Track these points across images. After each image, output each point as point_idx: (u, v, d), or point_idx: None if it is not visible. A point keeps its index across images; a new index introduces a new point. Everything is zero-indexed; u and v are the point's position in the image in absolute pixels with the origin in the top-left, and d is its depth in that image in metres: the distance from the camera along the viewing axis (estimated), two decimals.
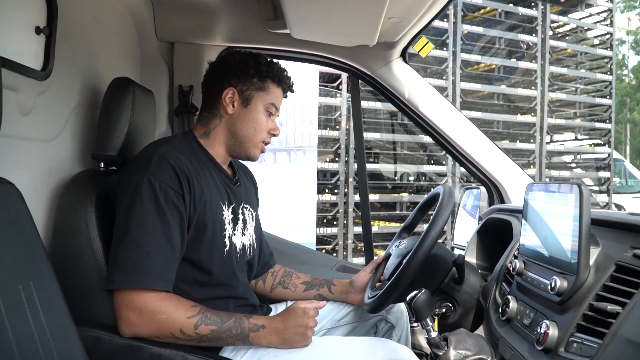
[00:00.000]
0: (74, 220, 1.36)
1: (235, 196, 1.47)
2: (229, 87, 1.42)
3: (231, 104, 1.43)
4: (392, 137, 6.20)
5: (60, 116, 1.47)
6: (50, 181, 1.43)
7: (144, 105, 1.61)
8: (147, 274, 1.20)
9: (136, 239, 1.22)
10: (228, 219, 1.41)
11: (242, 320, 1.27)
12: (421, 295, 1.26)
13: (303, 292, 1.67)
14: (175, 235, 1.26)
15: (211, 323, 1.23)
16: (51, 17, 1.35)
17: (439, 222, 1.41)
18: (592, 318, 0.92)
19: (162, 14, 1.98)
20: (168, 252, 1.24)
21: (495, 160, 2.08)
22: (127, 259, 1.21)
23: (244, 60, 1.45)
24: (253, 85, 1.43)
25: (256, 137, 1.44)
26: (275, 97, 1.47)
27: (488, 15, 6.78)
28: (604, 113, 7.59)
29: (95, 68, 1.65)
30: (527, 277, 1.16)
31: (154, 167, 1.27)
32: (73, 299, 1.34)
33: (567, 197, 1.02)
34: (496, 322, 1.25)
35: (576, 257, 0.97)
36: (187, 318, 1.21)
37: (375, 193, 6.06)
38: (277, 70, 1.46)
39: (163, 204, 1.24)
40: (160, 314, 1.20)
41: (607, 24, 7.52)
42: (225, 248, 1.39)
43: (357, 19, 1.65)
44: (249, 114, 1.43)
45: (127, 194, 1.27)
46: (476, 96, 6.74)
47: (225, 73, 1.45)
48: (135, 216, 1.23)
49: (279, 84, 1.47)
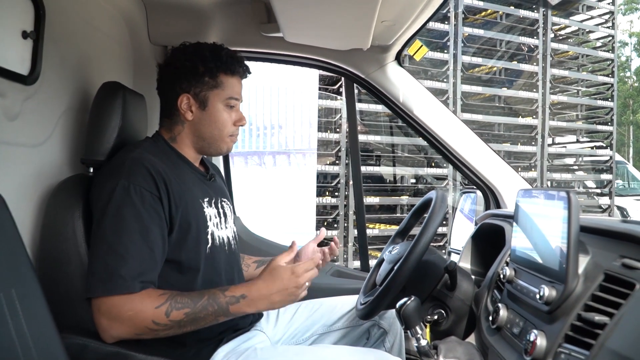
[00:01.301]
0: (61, 226, 1.34)
1: (213, 191, 1.47)
2: (182, 94, 1.39)
3: (189, 110, 1.40)
4: (393, 140, 6.19)
5: (48, 121, 1.45)
6: (38, 186, 1.42)
7: (135, 109, 1.60)
8: (122, 277, 1.18)
9: (110, 244, 1.20)
10: (210, 216, 1.40)
11: (217, 295, 1.22)
12: (410, 302, 1.24)
13: (255, 269, 1.69)
14: (154, 237, 1.24)
15: (182, 306, 1.19)
16: (38, 21, 1.35)
17: (430, 228, 1.39)
18: (580, 328, 0.90)
19: (155, 17, 1.97)
20: (146, 253, 1.22)
21: (490, 164, 2.07)
22: (102, 265, 1.19)
23: (190, 60, 1.39)
24: (206, 85, 1.39)
25: (222, 135, 1.43)
26: (233, 89, 1.42)
27: (489, 17, 6.77)
28: (606, 115, 7.56)
29: (85, 72, 1.64)
30: (517, 285, 1.14)
31: (128, 170, 1.26)
32: (60, 306, 1.33)
33: (556, 204, 1.01)
34: (487, 330, 1.23)
35: (565, 264, 0.95)
36: (155, 308, 1.18)
37: (376, 196, 6.05)
38: (227, 60, 1.40)
39: (139, 206, 1.23)
40: (128, 312, 1.17)
41: (609, 26, 7.50)
42: (208, 245, 1.37)
43: (349, 23, 1.64)
44: (209, 116, 1.40)
45: (101, 200, 1.25)
46: (477, 99, 6.72)
47: (175, 78, 1.41)
48: (110, 221, 1.22)
49: (233, 73, 1.42)
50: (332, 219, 5.85)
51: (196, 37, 2.01)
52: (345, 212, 5.81)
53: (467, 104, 6.44)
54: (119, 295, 1.18)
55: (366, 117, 5.88)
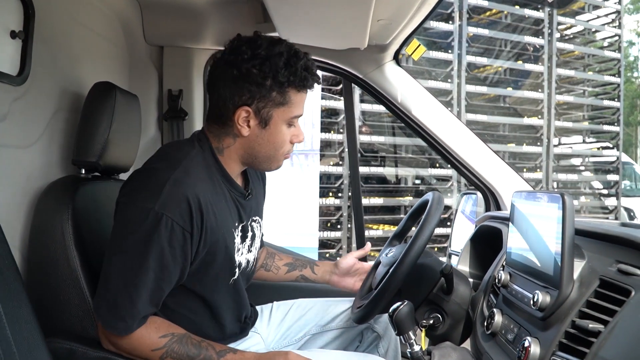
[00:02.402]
0: (50, 229, 1.33)
1: (245, 211, 1.34)
2: (242, 106, 1.19)
3: (246, 125, 1.21)
4: (397, 141, 6.16)
5: (38, 122, 1.44)
6: (28, 188, 1.40)
7: (127, 109, 1.58)
8: (125, 322, 1.14)
9: (125, 281, 1.13)
10: (237, 244, 1.30)
11: (211, 354, 1.18)
12: (403, 307, 1.21)
13: (285, 273, 1.63)
14: (171, 277, 1.17)
15: (177, 357, 1.17)
16: (27, 21, 1.33)
17: (425, 231, 1.37)
18: (574, 336, 0.87)
19: (150, 17, 1.95)
20: (156, 295, 1.16)
21: (489, 165, 2.03)
22: (112, 300, 1.15)
23: (259, 67, 1.17)
24: (272, 100, 1.19)
25: (278, 154, 1.27)
26: (300, 106, 1.24)
27: (494, 17, 6.72)
28: (612, 116, 7.49)
29: (77, 72, 1.62)
30: (512, 289, 1.11)
31: (166, 198, 1.11)
32: (48, 310, 1.32)
33: (551, 206, 0.98)
34: (481, 335, 1.20)
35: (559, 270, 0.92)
36: (151, 350, 1.17)
37: (380, 196, 6.01)
38: (301, 74, 1.19)
39: (165, 245, 1.11)
40: (126, 346, 1.17)
41: (616, 25, 7.43)
42: (233, 277, 1.31)
43: (345, 21, 1.62)
44: (268, 135, 1.23)
45: (129, 221, 1.15)
46: (482, 99, 6.67)
47: (236, 83, 1.19)
48: (133, 251, 1.13)
49: (304, 87, 1.22)
50: (336, 220, 5.82)
51: (192, 37, 2.01)
52: (349, 213, 5.78)
53: (471, 104, 6.39)
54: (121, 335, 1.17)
55: (370, 117, 5.85)
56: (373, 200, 5.93)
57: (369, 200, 5.90)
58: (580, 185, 7.46)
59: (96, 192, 1.50)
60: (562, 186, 7.17)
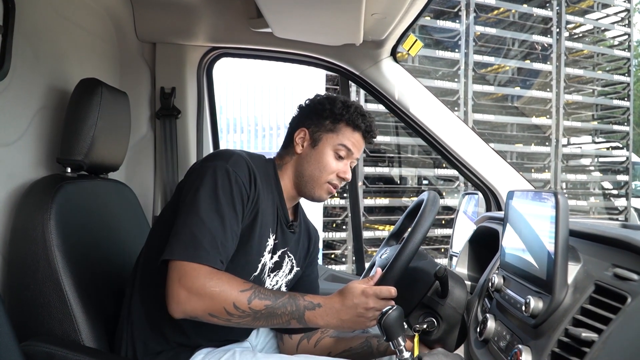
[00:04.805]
0: (31, 228, 1.29)
1: (284, 238, 1.43)
2: (301, 128, 1.43)
3: (301, 144, 1.43)
4: (403, 141, 6.09)
5: (21, 119, 1.40)
6: (10, 187, 1.36)
7: (115, 107, 1.54)
8: (206, 250, 1.16)
9: (202, 218, 1.19)
10: (269, 249, 1.37)
11: (297, 297, 1.22)
12: (392, 312, 1.16)
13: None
14: (235, 229, 1.24)
15: (265, 298, 1.18)
16: (7, 15, 1.29)
17: (418, 232, 1.32)
18: (567, 345, 0.81)
19: (142, 13, 1.91)
20: (228, 240, 1.22)
21: (490, 164, 1.98)
22: (189, 233, 1.18)
23: (320, 102, 1.45)
24: (324, 127, 1.42)
25: (321, 178, 1.41)
26: (347, 139, 1.42)
27: (502, 16, 6.63)
28: (622, 115, 7.36)
29: (64, 69, 1.59)
30: (505, 294, 1.06)
31: (234, 161, 1.28)
32: (28, 312, 1.29)
33: (545, 206, 0.92)
34: (474, 342, 1.15)
35: (552, 275, 0.86)
36: (240, 292, 1.16)
37: (386, 197, 5.95)
38: (354, 113, 1.42)
39: (235, 196, 1.24)
40: (212, 287, 1.14)
41: (625, 24, 7.31)
42: (254, 273, 1.34)
43: (337, 16, 1.57)
44: (315, 155, 1.41)
45: (201, 175, 1.25)
46: (489, 99, 6.58)
47: (302, 115, 1.47)
48: (207, 197, 1.22)
49: (354, 128, 1.43)
50: (341, 221, 5.77)
51: (185, 34, 1.98)
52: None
53: (478, 104, 6.31)
54: (205, 265, 1.15)
55: (375, 117, 5.77)
56: (379, 201, 5.87)
57: (375, 200, 5.85)
58: (590, 186, 7.35)
59: (81, 191, 1.46)
60: (570, 187, 7.07)
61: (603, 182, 7.59)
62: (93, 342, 1.28)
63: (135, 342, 1.30)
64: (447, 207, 5.92)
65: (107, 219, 1.57)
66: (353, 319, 1.22)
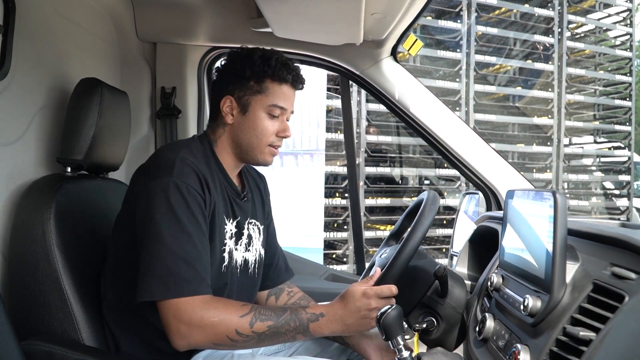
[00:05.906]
0: (31, 227, 1.30)
1: (242, 210, 1.39)
2: (226, 96, 1.34)
3: (230, 114, 1.34)
4: (405, 141, 6.09)
5: (21, 118, 1.41)
6: (10, 186, 1.37)
7: (115, 106, 1.55)
8: (187, 281, 1.13)
9: (170, 247, 1.14)
10: (230, 233, 1.34)
11: (299, 311, 1.20)
12: (391, 311, 1.16)
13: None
14: (205, 242, 1.20)
15: (266, 319, 1.16)
16: (7, 15, 1.30)
17: (418, 231, 1.32)
18: (565, 344, 0.81)
19: (142, 13, 1.92)
20: (204, 256, 1.18)
21: (490, 163, 1.98)
22: (163, 268, 1.13)
23: (239, 62, 1.34)
24: (250, 89, 1.32)
25: (261, 144, 1.34)
26: (278, 97, 1.33)
27: (503, 16, 6.62)
28: (624, 115, 7.35)
29: (65, 69, 1.59)
30: (504, 293, 1.06)
31: (178, 170, 1.20)
32: (28, 311, 1.29)
33: (544, 205, 0.92)
34: (473, 341, 1.15)
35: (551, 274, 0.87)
36: (240, 317, 1.14)
37: (387, 197, 5.95)
38: (276, 66, 1.32)
39: (193, 208, 1.18)
40: (211, 318, 1.12)
41: (627, 24, 7.30)
42: (224, 263, 1.31)
43: (337, 15, 1.57)
44: (248, 122, 1.33)
45: (151, 198, 1.18)
46: (491, 98, 6.58)
47: (222, 80, 1.37)
48: (166, 221, 1.15)
49: (281, 81, 1.33)
50: (342, 221, 5.77)
51: (185, 34, 1.98)
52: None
53: (480, 104, 6.31)
54: (194, 296, 1.12)
55: (377, 117, 5.78)
56: (380, 201, 5.87)
57: (376, 200, 5.85)
58: (592, 186, 7.33)
59: (81, 190, 1.46)
60: (572, 187, 7.06)
61: (605, 182, 7.58)
62: (93, 341, 1.29)
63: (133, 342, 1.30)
64: (448, 207, 5.92)
65: (107, 219, 1.57)
66: (358, 321, 1.22)
